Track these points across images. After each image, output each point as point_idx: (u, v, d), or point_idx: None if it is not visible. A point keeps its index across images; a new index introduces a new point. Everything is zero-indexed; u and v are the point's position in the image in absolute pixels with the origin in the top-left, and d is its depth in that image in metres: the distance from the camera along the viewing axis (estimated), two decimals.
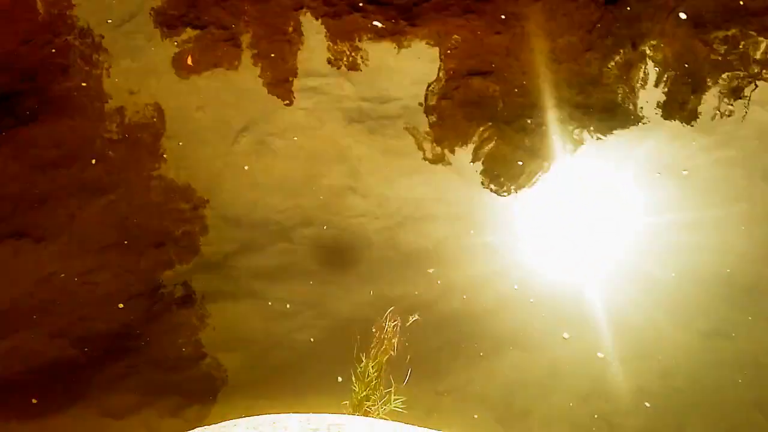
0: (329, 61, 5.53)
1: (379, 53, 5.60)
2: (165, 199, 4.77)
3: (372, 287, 4.34)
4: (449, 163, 5.01)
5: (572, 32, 5.74)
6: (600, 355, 4.00)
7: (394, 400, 3.76)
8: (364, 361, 3.84)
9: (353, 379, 3.82)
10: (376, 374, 3.76)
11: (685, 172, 4.88)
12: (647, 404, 3.78)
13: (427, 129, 5.19)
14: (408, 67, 5.52)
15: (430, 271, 4.39)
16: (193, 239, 4.61)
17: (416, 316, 4.04)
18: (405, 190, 4.82)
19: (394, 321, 3.97)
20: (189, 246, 4.57)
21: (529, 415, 3.84)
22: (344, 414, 3.49)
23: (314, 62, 5.54)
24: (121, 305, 4.22)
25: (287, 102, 5.28)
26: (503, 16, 5.77)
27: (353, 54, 5.60)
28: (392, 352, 3.88)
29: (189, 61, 5.44)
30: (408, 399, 3.82)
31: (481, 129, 5.20)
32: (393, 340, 3.89)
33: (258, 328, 4.24)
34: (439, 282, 4.34)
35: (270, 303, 4.34)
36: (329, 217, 4.67)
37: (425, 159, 5.03)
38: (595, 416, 3.76)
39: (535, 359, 4.04)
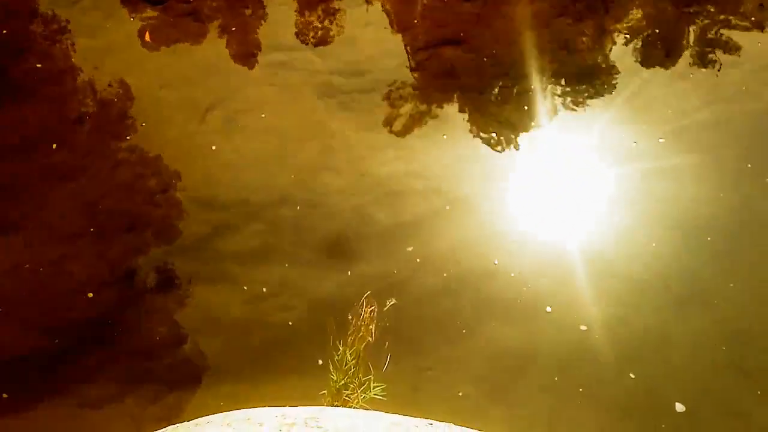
0: (296, 35, 5.38)
1: (347, 25, 5.46)
2: (133, 183, 4.64)
3: (350, 267, 4.29)
4: (424, 137, 4.93)
5: None
6: (583, 328, 4.02)
7: (374, 387, 3.68)
8: (341, 348, 3.79)
9: (331, 368, 3.77)
10: (354, 361, 3.70)
11: (661, 140, 4.88)
12: (632, 375, 3.81)
13: (401, 102, 5.10)
14: (377, 38, 5.40)
15: (409, 249, 4.35)
16: (164, 223, 4.51)
17: (393, 300, 4.00)
18: (380, 165, 4.75)
19: (371, 306, 3.92)
20: (161, 230, 4.47)
21: (513, 387, 3.86)
22: (322, 405, 3.45)
23: (281, 35, 5.39)
24: (90, 294, 4.12)
25: (255, 78, 5.14)
26: None
27: (321, 26, 5.45)
28: (370, 339, 3.84)
29: (147, 37, 5.25)
30: (392, 376, 3.81)
31: (455, 100, 5.13)
32: (370, 327, 3.83)
33: (236, 311, 4.18)
34: (418, 260, 4.30)
35: (247, 286, 4.27)
36: (303, 195, 4.59)
37: (399, 133, 4.95)
38: (580, 389, 3.79)
39: (518, 333, 4.03)
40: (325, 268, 4.29)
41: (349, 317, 3.90)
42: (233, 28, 5.39)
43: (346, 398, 3.60)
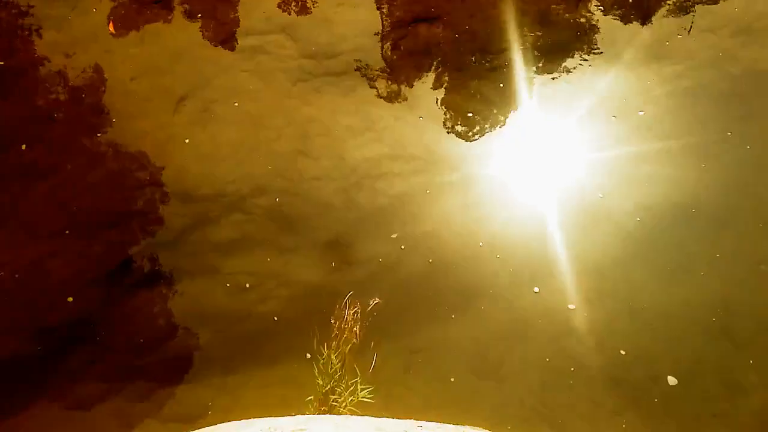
0: (268, 17, 5.26)
1: (320, 5, 5.34)
2: (110, 179, 4.56)
3: (333, 254, 4.27)
4: (402, 118, 4.86)
5: None
6: (571, 306, 4.03)
7: (362, 389, 3.64)
8: (325, 352, 3.75)
9: (316, 372, 3.73)
10: (339, 365, 3.65)
11: (641, 113, 4.84)
12: (623, 352, 3.84)
13: (377, 83, 5.02)
14: (350, 18, 5.29)
15: (394, 236, 4.30)
16: (143, 218, 4.45)
17: (376, 300, 3.95)
18: (359, 149, 4.69)
19: (354, 308, 3.88)
20: (140, 225, 4.42)
21: (502, 365, 3.89)
22: (309, 411, 3.43)
23: (252, 19, 5.26)
24: (70, 299, 4.08)
25: (227, 65, 5.04)
26: None
27: (293, 7, 5.33)
28: (355, 341, 3.80)
29: (111, 28, 5.10)
30: (384, 357, 3.82)
31: (432, 79, 5.05)
32: (354, 329, 3.78)
33: (221, 303, 4.16)
34: (402, 247, 4.27)
35: (231, 277, 4.24)
36: (282, 183, 4.53)
37: (376, 115, 4.88)
38: (571, 369, 3.81)
39: (506, 313, 4.05)
40: (308, 256, 4.26)
41: (332, 321, 3.86)
42: (199, 15, 5.26)
43: (334, 403, 3.56)
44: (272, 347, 3.96)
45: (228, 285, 4.21)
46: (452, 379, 3.81)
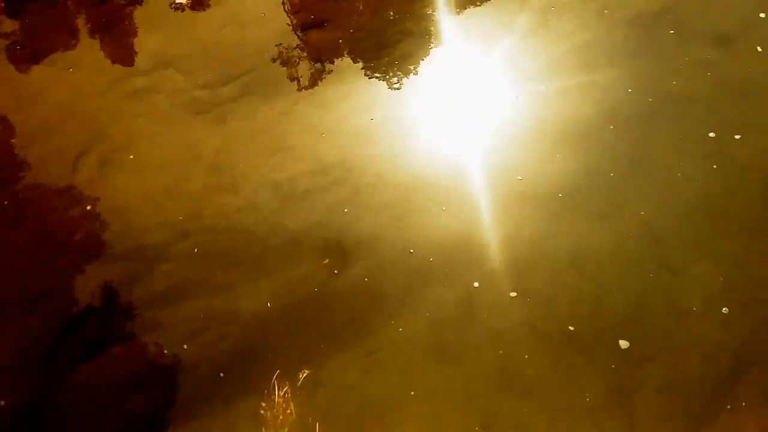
0: (152, 55, 5.04)
1: (200, 32, 5.15)
2: (23, 254, 4.30)
3: (268, 281, 4.16)
4: (311, 130, 4.76)
5: None
6: (513, 294, 4.06)
7: None
8: None
9: None
10: None
11: (542, 57, 4.92)
12: (571, 328, 3.94)
13: (278, 100, 4.90)
14: (237, 38, 5.13)
15: (325, 262, 4.22)
16: (69, 288, 4.22)
17: (306, 372, 3.83)
18: (274, 171, 4.58)
19: (284, 388, 3.76)
20: (67, 297, 4.18)
21: (460, 345, 3.87)
22: None
23: (136, 59, 5.03)
24: (2, 402, 3.81)
25: (119, 111, 4.80)
26: None
27: (176, 39, 5.12)
28: (292, 417, 3.69)
29: None
30: (343, 366, 3.81)
31: (336, 84, 4.97)
32: (288, 410, 3.67)
33: (167, 357, 4.01)
34: (336, 271, 4.18)
35: (172, 328, 4.10)
36: (204, 222, 4.38)
37: (285, 132, 4.77)
38: (527, 340, 3.87)
39: (454, 292, 4.03)
40: (244, 287, 4.15)
41: (262, 408, 3.73)
42: (70, 69, 4.97)
43: None
44: (233, 386, 3.83)
45: (173, 337, 4.06)
46: (412, 364, 3.83)
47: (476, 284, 4.05)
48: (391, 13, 5.28)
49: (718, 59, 4.86)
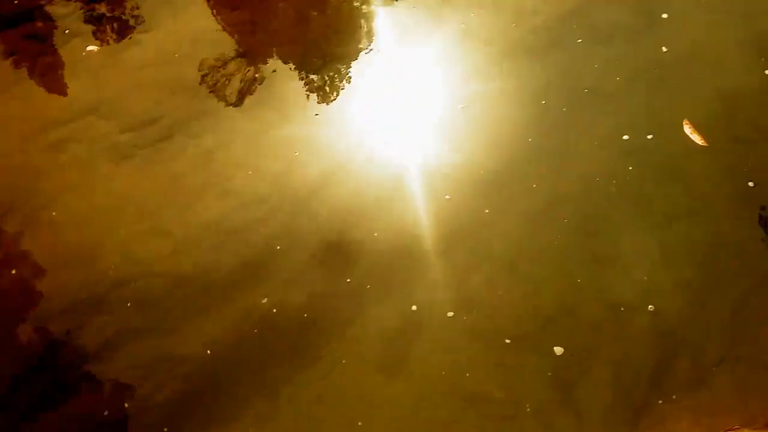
0: (69, 103, 4.93)
1: (118, 76, 5.07)
2: None
3: (209, 321, 4.08)
4: (242, 163, 4.70)
5: None
6: (450, 314, 4.02)
7: None
8: None
9: None
10: None
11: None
12: (507, 341, 3.97)
13: (204, 136, 4.85)
14: (159, 78, 5.07)
15: (264, 301, 4.14)
16: None
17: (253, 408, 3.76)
18: (208, 209, 4.50)
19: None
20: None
21: (407, 358, 3.87)
22: None
23: (53, 109, 4.92)
24: None
25: (39, 166, 4.67)
26: None
27: (94, 84, 5.04)
28: None
29: None
30: (294, 397, 3.75)
31: (264, 118, 4.94)
32: None
33: (110, 412, 3.88)
34: (274, 310, 4.10)
35: (116, 378, 3.98)
36: (137, 269, 4.28)
37: (216, 167, 4.71)
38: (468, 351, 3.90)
39: (393, 308, 4.02)
40: (184, 330, 4.06)
41: None
42: None
43: None
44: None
45: (118, 386, 3.94)
46: (363, 384, 3.80)
47: (414, 308, 4.04)
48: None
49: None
